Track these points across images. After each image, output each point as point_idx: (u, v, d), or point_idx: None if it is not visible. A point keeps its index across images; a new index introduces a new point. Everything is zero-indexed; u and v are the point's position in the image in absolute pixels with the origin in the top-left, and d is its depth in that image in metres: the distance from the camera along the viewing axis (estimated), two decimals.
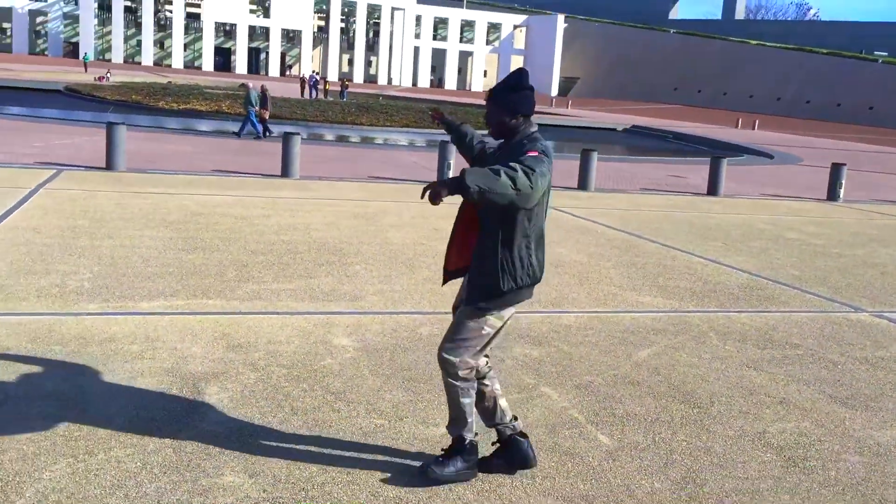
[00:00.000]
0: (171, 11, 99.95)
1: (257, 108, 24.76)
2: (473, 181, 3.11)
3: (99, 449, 3.81)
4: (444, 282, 3.94)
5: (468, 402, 3.64)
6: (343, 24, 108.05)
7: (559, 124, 53.55)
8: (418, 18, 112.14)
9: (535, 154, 3.38)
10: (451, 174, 16.18)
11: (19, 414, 4.13)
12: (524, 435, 3.84)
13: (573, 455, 4.12)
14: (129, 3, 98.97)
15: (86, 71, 62.04)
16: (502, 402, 3.80)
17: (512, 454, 3.80)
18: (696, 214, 14.25)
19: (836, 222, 14.42)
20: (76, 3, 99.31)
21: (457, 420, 3.68)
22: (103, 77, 54.93)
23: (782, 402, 5.12)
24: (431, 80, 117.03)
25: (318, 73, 66.95)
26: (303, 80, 59.33)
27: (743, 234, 12.23)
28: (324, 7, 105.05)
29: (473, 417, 3.69)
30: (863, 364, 6.08)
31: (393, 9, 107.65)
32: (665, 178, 20.85)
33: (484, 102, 3.69)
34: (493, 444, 3.86)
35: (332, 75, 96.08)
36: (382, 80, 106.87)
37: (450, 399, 3.66)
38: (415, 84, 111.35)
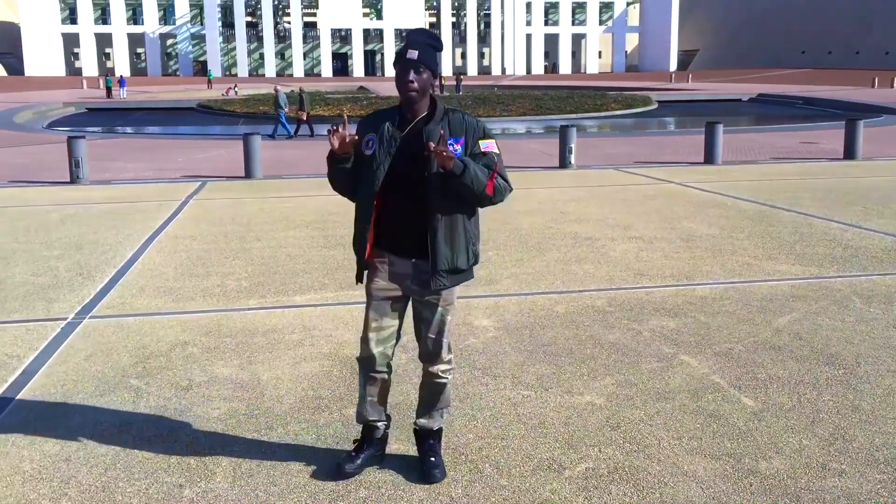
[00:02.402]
0: (289, 22, 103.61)
1: (286, 109, 25.80)
2: (470, 177, 3.30)
3: (277, 424, 4.23)
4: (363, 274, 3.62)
5: None
6: (454, 19, 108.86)
7: (680, 99, 52.21)
8: (528, 5, 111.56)
9: (498, 153, 3.51)
10: (572, 159, 16.23)
11: (203, 397, 4.62)
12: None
13: (718, 417, 4.23)
14: (250, 19, 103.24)
15: (209, 87, 65.19)
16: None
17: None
18: (833, 180, 13.75)
19: None
20: (202, 24, 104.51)
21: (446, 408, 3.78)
22: (230, 89, 57.74)
23: None
24: (545, 66, 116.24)
25: None
26: None
27: (883, 196, 11.75)
28: (434, 4, 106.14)
29: None
30: None
31: None
32: (797, 146, 20.13)
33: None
34: (355, 440, 3.83)
35: (447, 70, 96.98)
36: (496, 71, 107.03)
37: (444, 397, 3.70)
38: (529, 72, 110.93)
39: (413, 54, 3.33)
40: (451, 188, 3.38)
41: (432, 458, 3.68)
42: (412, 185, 3.40)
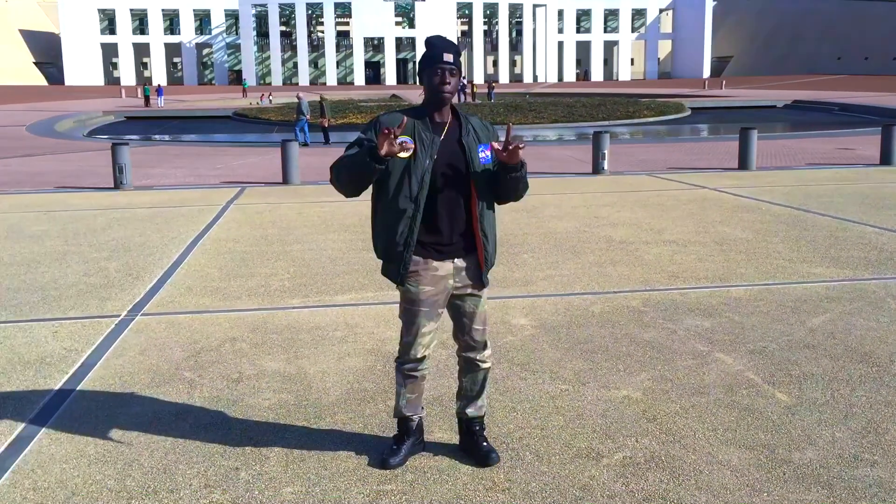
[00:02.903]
0: (322, 32, 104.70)
1: (307, 116, 26.49)
2: (525, 172, 3.57)
3: (326, 414, 4.42)
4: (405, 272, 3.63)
5: None
6: (486, 27, 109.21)
7: (713, 106, 51.94)
8: (560, 13, 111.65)
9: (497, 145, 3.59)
10: (605, 165, 16.31)
11: (254, 389, 4.82)
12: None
13: (752, 411, 4.35)
14: (284, 28, 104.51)
15: (244, 96, 66.13)
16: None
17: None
18: (869, 185, 13.71)
19: None
20: (237, 33, 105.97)
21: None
22: (264, 95, 58.63)
23: None
24: (577, 74, 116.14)
25: (464, 78, 68.14)
26: None
27: None
28: (466, 12, 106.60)
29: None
30: None
31: (535, 6, 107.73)
32: (832, 152, 20.02)
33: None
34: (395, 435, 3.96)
35: (478, 78, 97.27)
36: (528, 79, 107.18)
37: (487, 383, 3.87)
38: (560, 79, 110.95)
39: (449, 58, 3.49)
40: (492, 185, 3.57)
41: (485, 443, 3.85)
42: (451, 187, 3.54)
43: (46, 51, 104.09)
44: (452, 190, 3.55)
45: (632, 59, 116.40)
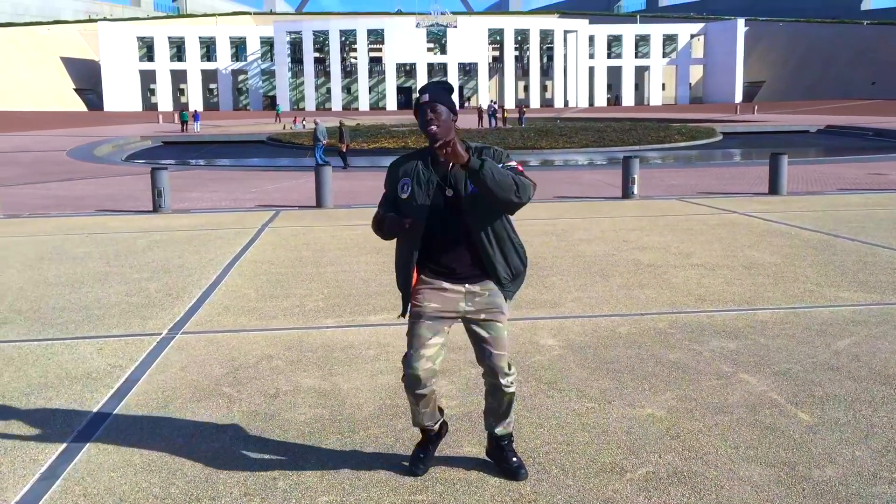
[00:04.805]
0: (355, 58, 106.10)
1: (324, 141, 27.27)
2: (489, 171, 3.44)
3: (359, 428, 4.60)
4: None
5: None
6: (517, 53, 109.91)
7: (745, 131, 51.77)
8: (591, 38, 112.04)
9: (520, 167, 3.68)
10: (635, 189, 16.43)
11: (290, 404, 5.01)
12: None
13: (774, 430, 4.45)
14: (317, 55, 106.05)
15: (277, 121, 67.19)
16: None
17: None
18: None
19: None
20: (272, 60, 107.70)
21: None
22: (297, 119, 59.62)
23: None
24: (608, 99, 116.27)
25: (495, 102, 68.60)
26: (479, 110, 61.12)
27: None
28: (497, 38, 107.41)
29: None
30: None
31: (566, 32, 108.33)
32: (865, 177, 19.93)
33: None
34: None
35: (509, 103, 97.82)
36: (559, 103, 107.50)
37: (514, 404, 3.97)
38: (591, 104, 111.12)
39: (425, 97, 3.67)
40: (483, 203, 3.60)
41: (514, 458, 4.00)
42: (451, 219, 3.69)
43: (86, 77, 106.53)
44: (453, 222, 3.69)
45: (663, 84, 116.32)
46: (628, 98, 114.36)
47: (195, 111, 61.39)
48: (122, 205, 16.74)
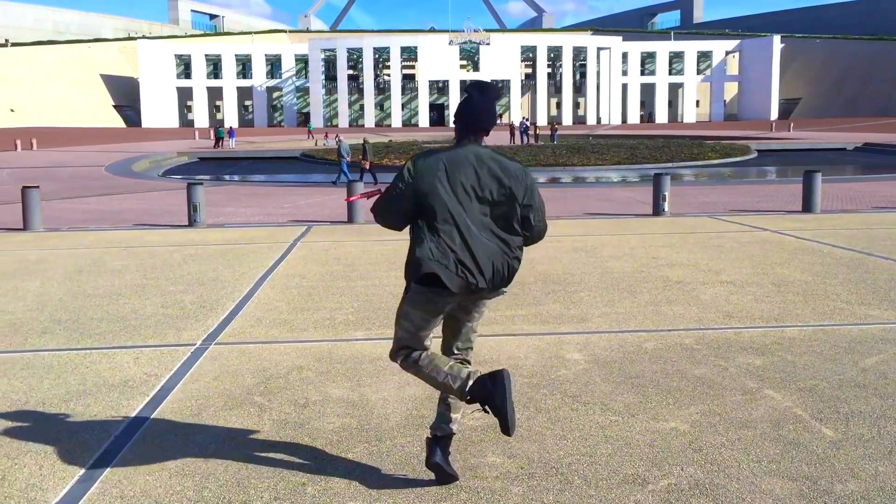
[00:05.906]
0: (388, 75, 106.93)
1: (348, 158, 28.07)
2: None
3: (386, 437, 4.70)
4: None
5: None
6: (549, 69, 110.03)
7: (780, 148, 51.32)
8: (625, 55, 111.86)
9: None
10: (666, 206, 16.41)
11: (319, 413, 5.13)
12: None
13: (797, 445, 4.47)
14: (351, 72, 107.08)
15: (310, 138, 67.98)
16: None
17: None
18: None
19: None
20: (306, 77, 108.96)
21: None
22: (328, 135, 60.35)
23: None
24: (641, 116, 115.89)
25: (527, 119, 68.73)
26: (511, 127, 61.30)
27: None
28: (530, 55, 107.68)
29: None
30: None
31: (599, 49, 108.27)
32: None
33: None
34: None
35: (541, 120, 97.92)
36: (591, 120, 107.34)
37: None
38: (624, 121, 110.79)
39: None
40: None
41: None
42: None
43: (125, 94, 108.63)
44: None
45: (697, 101, 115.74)
46: (661, 115, 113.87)
47: (230, 127, 62.34)
48: (158, 219, 17.09)
